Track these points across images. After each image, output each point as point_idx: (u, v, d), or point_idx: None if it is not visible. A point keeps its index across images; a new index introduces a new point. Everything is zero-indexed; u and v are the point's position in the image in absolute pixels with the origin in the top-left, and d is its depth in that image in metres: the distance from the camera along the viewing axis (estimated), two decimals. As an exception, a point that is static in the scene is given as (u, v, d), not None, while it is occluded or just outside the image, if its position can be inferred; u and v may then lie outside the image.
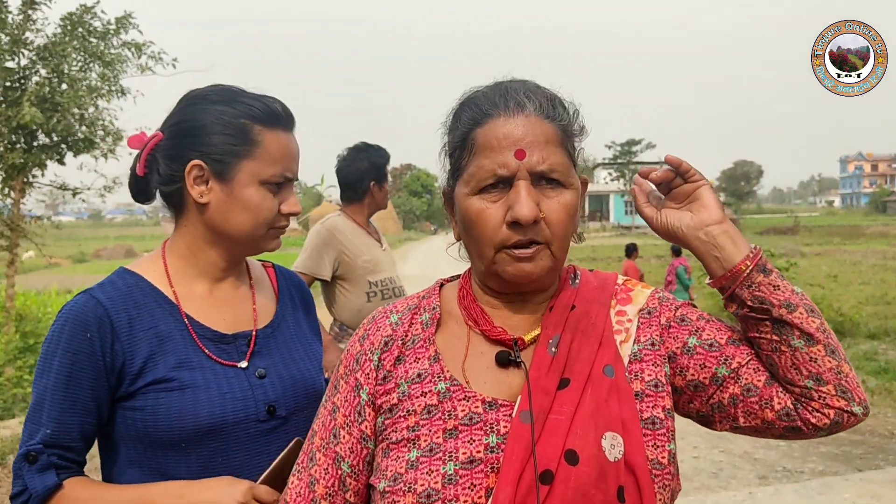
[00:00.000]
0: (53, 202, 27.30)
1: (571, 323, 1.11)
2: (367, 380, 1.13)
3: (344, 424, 1.13)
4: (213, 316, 1.44)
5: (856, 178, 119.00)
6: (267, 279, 1.61)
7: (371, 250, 3.64)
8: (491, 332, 1.12)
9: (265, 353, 1.46)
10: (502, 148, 1.04)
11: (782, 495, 4.98)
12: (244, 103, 1.41)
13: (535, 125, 1.06)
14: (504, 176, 1.04)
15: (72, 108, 7.92)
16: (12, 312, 8.35)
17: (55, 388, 1.31)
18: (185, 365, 1.36)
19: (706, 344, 1.12)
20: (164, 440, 1.33)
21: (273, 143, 1.40)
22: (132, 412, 1.34)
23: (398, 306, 1.20)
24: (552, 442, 1.00)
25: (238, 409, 1.37)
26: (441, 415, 1.06)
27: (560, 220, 1.06)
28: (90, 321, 1.33)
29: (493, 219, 1.05)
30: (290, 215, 1.44)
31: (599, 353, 1.08)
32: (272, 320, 1.52)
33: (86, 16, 8.17)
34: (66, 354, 1.32)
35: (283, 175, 1.42)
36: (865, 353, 12.48)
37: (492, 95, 1.10)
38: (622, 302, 1.17)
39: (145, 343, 1.35)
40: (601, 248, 30.59)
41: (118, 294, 1.38)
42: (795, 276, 16.81)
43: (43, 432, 1.30)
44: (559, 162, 1.06)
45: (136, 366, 1.34)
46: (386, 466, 1.06)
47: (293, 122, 1.47)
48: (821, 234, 50.76)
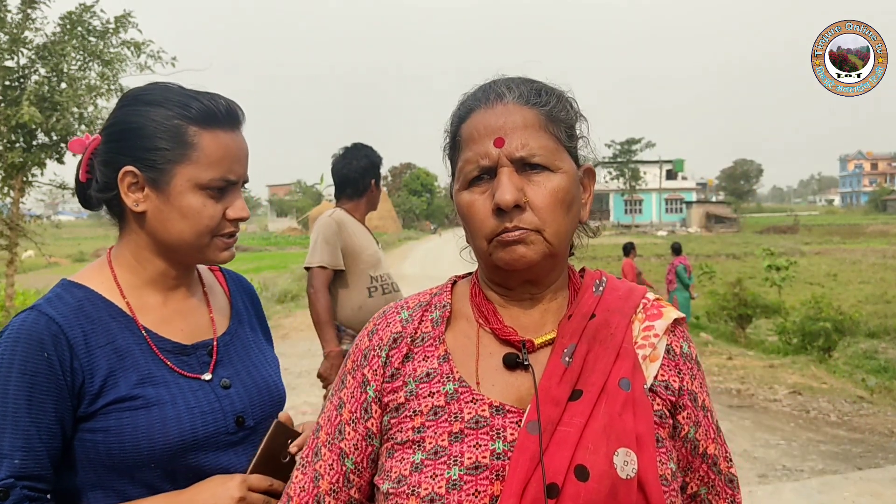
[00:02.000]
0: (53, 201, 27.27)
1: (589, 332, 1.08)
2: (375, 376, 1.11)
3: (350, 421, 1.11)
4: (171, 327, 1.36)
5: (855, 177, 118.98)
6: (217, 284, 1.54)
7: (373, 245, 3.68)
8: (501, 332, 1.09)
9: (227, 362, 1.40)
10: (482, 138, 1.04)
11: (782, 494, 4.98)
12: (179, 103, 1.31)
13: (514, 112, 1.05)
14: (487, 166, 1.04)
15: (71, 107, 7.92)
16: (12, 311, 8.35)
17: (16, 415, 1.20)
18: (149, 381, 1.28)
19: (701, 455, 1.15)
20: (128, 462, 1.25)
21: (211, 145, 1.30)
22: (92, 434, 1.25)
23: (409, 302, 1.18)
24: (560, 454, 0.97)
25: (208, 423, 1.31)
26: (447, 417, 1.03)
27: (547, 204, 1.03)
28: (45, 339, 1.22)
29: (482, 209, 1.04)
30: (238, 221, 1.35)
31: (616, 366, 1.05)
32: (229, 327, 1.46)
33: (85, 15, 8.17)
34: (22, 377, 1.20)
35: (224, 178, 1.32)
36: (865, 351, 12.47)
37: (476, 92, 1.10)
38: (652, 318, 1.13)
39: (104, 360, 1.26)
40: (601, 248, 30.54)
41: (68, 309, 1.27)
42: (795, 275, 16.83)
43: (10, 463, 1.19)
44: (541, 146, 1.04)
45: (97, 384, 1.24)
46: (390, 467, 1.04)
47: (238, 120, 1.36)
48: (820, 232, 50.78)
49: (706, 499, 1.16)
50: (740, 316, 13.43)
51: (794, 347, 11.82)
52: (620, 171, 66.63)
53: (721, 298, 13.81)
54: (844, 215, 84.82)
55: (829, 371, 10.05)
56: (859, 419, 7.29)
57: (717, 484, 1.16)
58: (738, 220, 64.64)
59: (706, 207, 66.62)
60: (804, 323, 11.78)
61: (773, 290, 15.21)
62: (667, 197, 73.61)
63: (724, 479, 1.17)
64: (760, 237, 45.74)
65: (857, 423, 7.16)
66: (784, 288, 15.35)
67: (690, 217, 65.94)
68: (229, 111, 1.34)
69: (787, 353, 11.59)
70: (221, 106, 1.33)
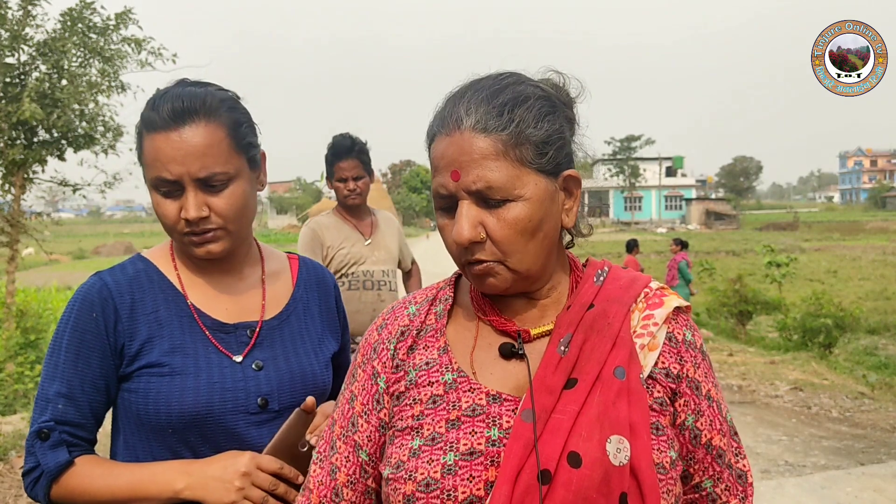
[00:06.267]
0: (53, 199, 27.25)
1: (586, 322, 1.08)
2: (384, 368, 1.13)
3: (362, 413, 1.13)
4: (215, 305, 1.44)
5: (855, 174, 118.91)
6: (287, 271, 1.59)
7: (352, 244, 3.67)
8: (498, 322, 1.11)
9: (267, 346, 1.45)
10: (441, 169, 1.05)
11: (784, 489, 4.99)
12: (145, 108, 1.37)
13: (469, 142, 1.02)
14: (447, 195, 1.05)
15: (72, 104, 7.89)
16: (13, 309, 8.34)
17: (65, 366, 1.34)
18: (179, 350, 1.37)
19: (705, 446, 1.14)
20: (153, 425, 1.35)
21: (149, 147, 1.34)
22: (128, 394, 1.37)
23: (417, 297, 1.21)
24: (553, 442, 0.99)
25: (227, 400, 1.36)
26: (445, 405, 1.06)
27: (505, 237, 1.03)
28: (95, 302, 1.36)
29: (449, 237, 1.06)
30: (189, 221, 1.34)
31: (612, 354, 1.05)
32: (280, 312, 1.51)
33: (85, 11, 8.14)
34: (74, 333, 1.35)
35: (159, 178, 1.34)
36: (865, 347, 12.49)
37: (442, 110, 1.08)
38: (652, 307, 1.12)
39: (145, 326, 1.37)
40: (600, 245, 30.57)
41: (125, 277, 1.41)
42: (795, 271, 16.82)
43: (54, 408, 1.32)
44: (497, 178, 1.01)
45: (134, 348, 1.36)
46: (391, 454, 1.06)
47: (183, 118, 1.33)
48: (820, 229, 50.80)
49: (713, 492, 1.16)
50: (741, 312, 13.45)
51: (795, 344, 11.83)
52: (620, 168, 66.59)
53: (721, 295, 13.82)
54: (844, 212, 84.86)
55: (829, 367, 10.06)
56: (861, 415, 7.30)
57: (725, 478, 1.16)
58: (738, 216, 64.62)
59: (706, 204, 66.59)
60: (805, 319, 11.79)
61: (774, 287, 15.21)
62: (666, 194, 73.60)
63: (734, 474, 1.16)
64: (760, 234, 45.77)
65: (859, 418, 7.17)
66: (784, 284, 15.35)
67: (690, 214, 65.94)
68: (173, 111, 1.33)
69: (788, 349, 11.61)
70: (164, 108, 1.33)
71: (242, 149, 1.39)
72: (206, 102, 1.35)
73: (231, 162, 1.36)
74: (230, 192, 1.36)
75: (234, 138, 1.37)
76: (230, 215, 1.36)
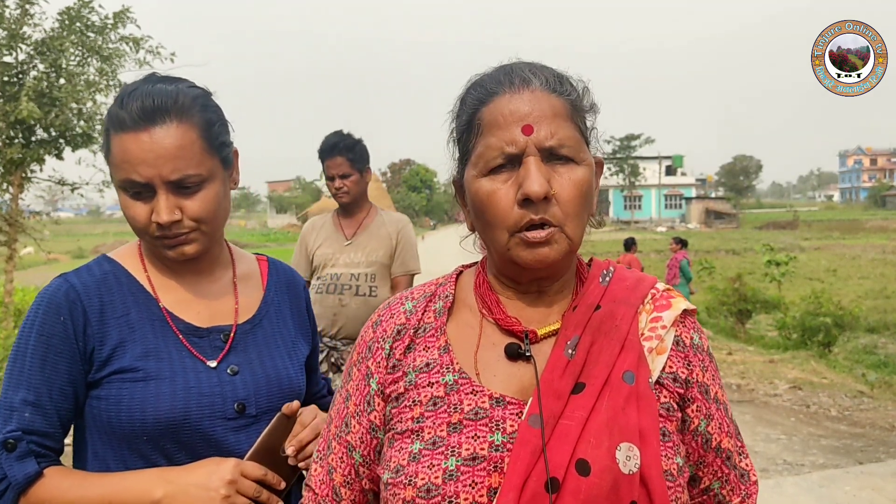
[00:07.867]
0: (52, 198, 27.22)
1: (594, 324, 1.05)
2: (378, 368, 1.10)
3: (355, 413, 1.11)
4: (188, 309, 1.39)
5: (855, 173, 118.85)
6: (257, 273, 1.54)
7: (329, 244, 3.58)
8: (504, 322, 1.07)
9: (241, 350, 1.41)
10: (509, 124, 0.99)
11: (783, 488, 4.98)
12: (113, 105, 1.32)
13: (542, 100, 1.00)
14: (512, 154, 0.99)
15: (70, 103, 7.89)
16: (11, 308, 8.34)
17: (31, 372, 1.27)
18: (153, 355, 1.31)
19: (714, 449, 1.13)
20: (126, 433, 1.29)
21: (118, 147, 1.28)
22: (97, 401, 1.30)
23: (414, 293, 1.16)
24: (561, 448, 0.95)
25: (203, 405, 1.32)
26: (446, 408, 1.02)
27: (572, 198, 1.00)
28: (62, 304, 1.29)
29: (505, 199, 0.99)
30: (161, 225, 1.29)
31: (620, 358, 1.02)
32: (253, 316, 1.47)
33: (83, 10, 8.14)
34: (40, 338, 1.28)
35: (129, 180, 1.28)
36: (865, 346, 12.49)
37: (496, 75, 1.05)
38: (660, 308, 1.10)
39: (115, 330, 1.31)
40: (600, 244, 30.56)
41: (92, 279, 1.34)
42: (795, 270, 16.83)
43: (20, 416, 1.25)
44: (569, 136, 1.00)
45: (105, 352, 1.30)
46: (390, 457, 1.03)
47: (153, 118, 1.26)
48: (820, 228, 50.83)
49: (719, 493, 1.14)
50: (740, 311, 13.46)
51: (794, 342, 11.83)
52: (620, 167, 66.56)
53: (721, 294, 13.83)
54: (844, 211, 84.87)
55: (829, 366, 10.07)
56: (860, 414, 7.30)
57: (731, 479, 1.15)
58: (738, 215, 64.66)
59: (705, 203, 66.59)
60: (804, 318, 11.80)
61: (773, 286, 15.22)
62: (666, 193, 73.58)
63: (737, 474, 1.15)
64: (760, 233, 45.80)
65: (858, 417, 7.17)
66: (784, 283, 15.36)
67: (690, 213, 65.94)
68: (143, 110, 1.26)
69: (787, 348, 11.61)
70: (133, 106, 1.26)
71: (215, 149, 1.34)
72: (178, 101, 1.28)
73: (204, 163, 1.30)
74: (203, 193, 1.31)
75: (206, 139, 1.32)
76: (204, 217, 1.32)
